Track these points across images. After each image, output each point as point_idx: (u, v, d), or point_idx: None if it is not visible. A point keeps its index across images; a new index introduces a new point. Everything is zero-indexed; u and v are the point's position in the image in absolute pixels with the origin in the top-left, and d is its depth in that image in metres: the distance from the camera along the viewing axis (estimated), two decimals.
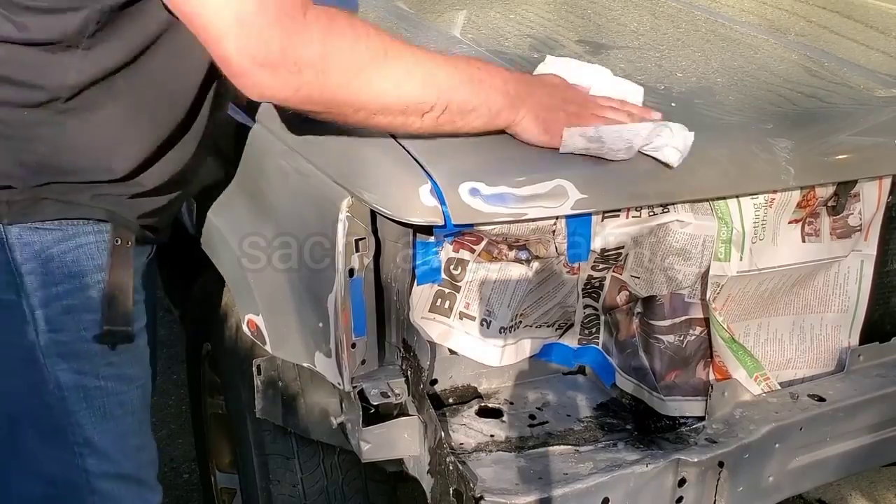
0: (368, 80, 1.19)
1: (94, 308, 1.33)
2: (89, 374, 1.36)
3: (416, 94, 1.22)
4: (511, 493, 1.30)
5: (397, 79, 1.21)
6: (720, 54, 1.83)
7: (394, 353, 1.42)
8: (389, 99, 1.21)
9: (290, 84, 1.15)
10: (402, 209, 1.27)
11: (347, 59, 1.17)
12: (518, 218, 1.30)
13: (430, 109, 1.24)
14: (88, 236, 1.32)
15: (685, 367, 1.47)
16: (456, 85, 1.25)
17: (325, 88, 1.17)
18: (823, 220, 1.55)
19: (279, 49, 1.12)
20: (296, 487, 1.75)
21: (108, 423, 1.40)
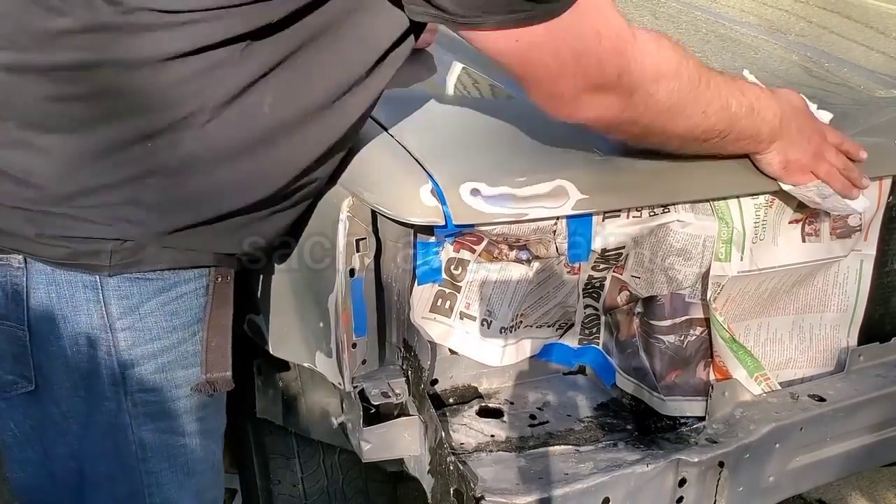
0: (684, 107, 1.21)
1: (189, 364, 1.25)
2: (176, 433, 1.28)
3: (713, 122, 1.24)
4: (511, 492, 1.30)
5: (706, 106, 1.22)
6: (720, 54, 1.83)
7: (394, 353, 1.42)
8: (695, 125, 1.24)
9: (620, 106, 1.17)
10: (403, 209, 1.27)
11: (673, 85, 1.18)
12: (519, 218, 1.30)
13: (716, 136, 1.27)
14: (189, 284, 1.23)
15: (685, 368, 1.47)
16: (742, 115, 1.27)
17: (649, 112, 1.19)
18: (823, 220, 1.55)
19: (616, 74, 1.13)
20: (296, 487, 1.75)
21: (190, 481, 1.32)
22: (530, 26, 1.08)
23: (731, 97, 1.25)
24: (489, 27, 1.09)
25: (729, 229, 1.43)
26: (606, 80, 1.14)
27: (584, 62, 1.12)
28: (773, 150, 1.35)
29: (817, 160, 1.38)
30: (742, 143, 1.33)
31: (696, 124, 1.24)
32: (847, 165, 1.41)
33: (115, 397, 1.22)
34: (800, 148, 1.37)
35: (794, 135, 1.36)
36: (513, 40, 1.10)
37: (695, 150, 1.31)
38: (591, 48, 1.12)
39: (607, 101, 1.16)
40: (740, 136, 1.30)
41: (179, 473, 1.30)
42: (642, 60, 1.16)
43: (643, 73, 1.16)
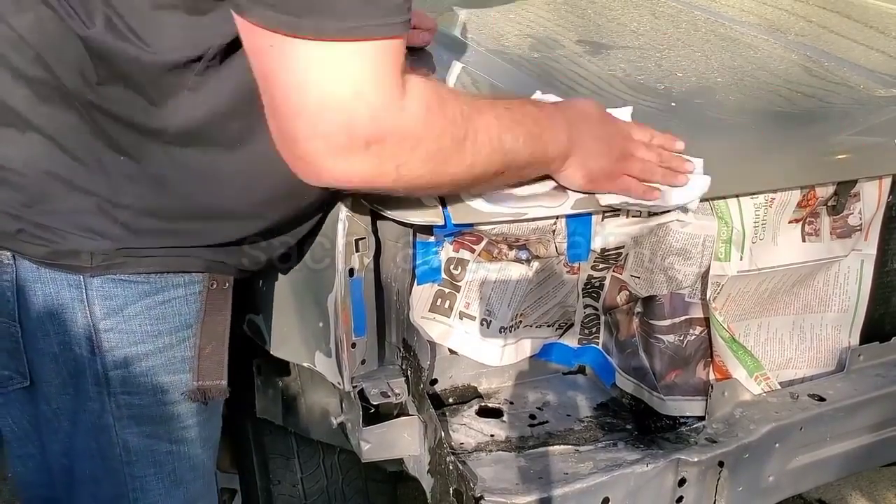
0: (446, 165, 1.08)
1: (177, 369, 1.23)
2: (163, 439, 1.26)
3: (483, 169, 1.14)
4: (511, 492, 1.30)
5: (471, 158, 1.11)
6: (720, 54, 1.83)
7: (394, 353, 1.42)
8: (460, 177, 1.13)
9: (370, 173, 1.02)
10: (403, 209, 1.27)
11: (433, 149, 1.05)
12: (518, 217, 1.30)
13: (493, 175, 1.17)
14: (178, 289, 1.21)
15: (685, 367, 1.47)
16: (519, 148, 1.17)
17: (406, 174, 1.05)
18: (823, 219, 1.55)
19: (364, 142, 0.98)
20: (296, 487, 1.75)
21: (178, 490, 1.29)
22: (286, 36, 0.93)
23: (505, 135, 1.14)
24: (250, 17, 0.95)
25: (728, 229, 1.43)
26: (352, 145, 0.98)
27: (329, 114, 0.96)
28: (570, 167, 1.26)
29: (626, 162, 1.29)
30: (530, 171, 1.24)
31: (463, 174, 1.12)
32: (663, 156, 1.32)
33: (99, 398, 1.21)
34: (599, 155, 1.27)
35: (590, 144, 1.27)
36: (267, 44, 0.95)
37: (476, 189, 1.22)
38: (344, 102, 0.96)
39: (352, 167, 1.00)
40: (524, 165, 1.20)
41: (166, 481, 1.28)
42: (401, 131, 1.01)
43: (399, 145, 1.01)
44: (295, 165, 1.01)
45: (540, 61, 1.71)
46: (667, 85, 1.62)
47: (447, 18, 1.98)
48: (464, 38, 1.82)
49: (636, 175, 1.30)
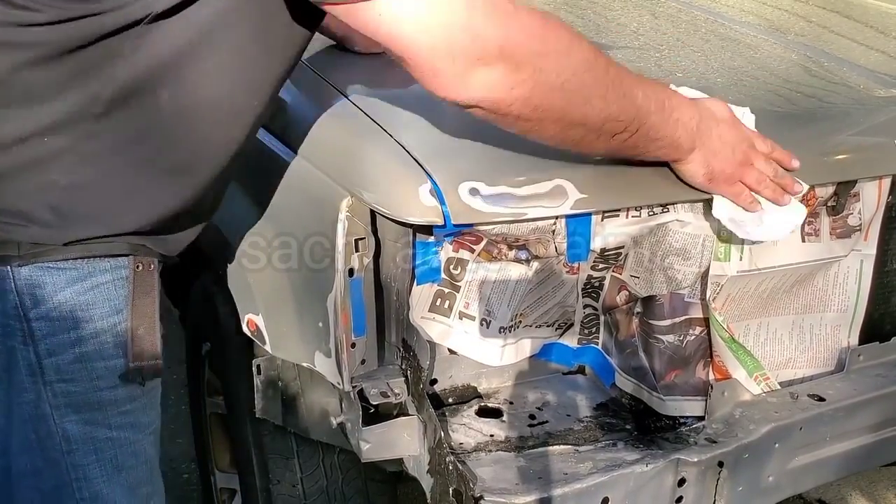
0: (581, 87, 1.13)
1: (109, 355, 1.22)
2: (101, 425, 1.25)
3: (616, 111, 1.17)
4: (511, 492, 1.30)
5: (604, 91, 1.15)
6: (720, 54, 1.83)
7: (393, 353, 1.42)
8: (594, 111, 1.15)
9: (507, 82, 1.08)
10: (402, 209, 1.27)
11: (564, 62, 1.11)
12: (518, 218, 1.30)
13: (622, 130, 1.19)
14: (105, 274, 1.20)
15: (685, 367, 1.47)
16: (651, 109, 1.20)
17: (540, 89, 1.11)
18: (823, 219, 1.55)
19: (497, 44, 1.06)
20: (296, 487, 1.75)
21: (120, 476, 1.29)
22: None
23: (636, 87, 1.19)
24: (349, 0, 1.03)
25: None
26: (486, 53, 1.06)
27: (457, 35, 1.05)
28: (695, 161, 1.29)
29: (744, 168, 1.32)
30: (658, 145, 1.25)
31: (595, 110, 1.15)
32: (778, 172, 1.36)
33: (34, 387, 1.20)
34: (723, 157, 1.31)
35: (716, 143, 1.30)
36: (376, 13, 1.04)
37: (604, 146, 1.23)
38: (463, 19, 1.05)
39: (491, 78, 1.08)
40: (653, 134, 1.23)
41: (108, 467, 1.27)
42: (525, 33, 1.08)
43: (527, 47, 1.08)
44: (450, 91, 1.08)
45: None
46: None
47: None
48: None
49: (750, 184, 1.33)
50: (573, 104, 1.14)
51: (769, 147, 1.37)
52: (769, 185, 1.35)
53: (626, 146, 1.23)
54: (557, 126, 1.16)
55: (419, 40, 1.05)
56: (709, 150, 1.30)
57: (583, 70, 1.13)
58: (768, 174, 1.34)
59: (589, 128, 1.18)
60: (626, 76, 1.19)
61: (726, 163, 1.31)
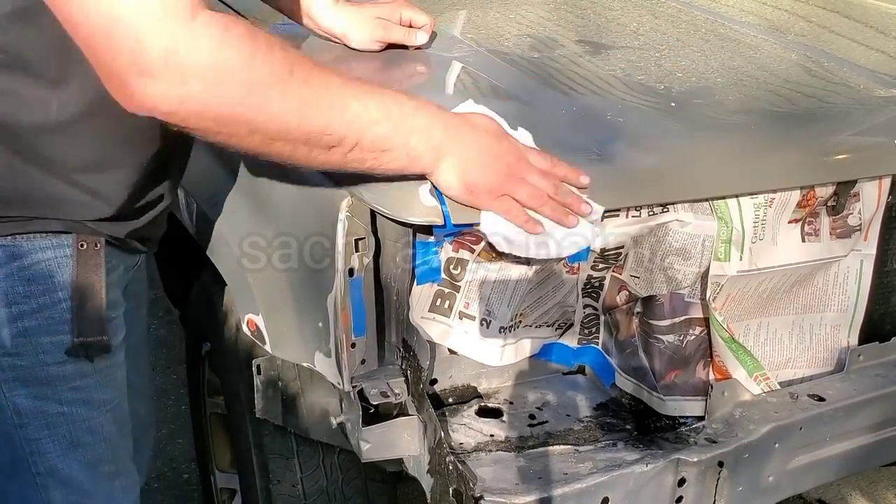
0: (266, 101, 1.05)
1: (54, 330, 1.24)
2: (51, 400, 1.26)
3: (321, 124, 1.09)
4: (511, 492, 1.30)
5: (301, 103, 1.07)
6: (720, 54, 1.83)
7: (393, 353, 1.42)
8: (289, 124, 1.08)
9: (173, 95, 1.01)
10: (402, 209, 1.27)
11: (241, 73, 1.03)
12: None
13: (338, 143, 1.11)
14: (45, 252, 1.22)
15: (685, 367, 1.47)
16: (372, 120, 1.12)
17: (214, 103, 1.04)
18: (823, 219, 1.55)
19: (161, 55, 0.98)
20: (296, 487, 1.75)
21: (77, 452, 1.30)
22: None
23: (350, 99, 1.11)
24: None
25: (728, 229, 1.43)
26: (151, 65, 0.98)
27: (120, 39, 0.98)
28: (447, 171, 1.20)
29: (512, 183, 1.21)
30: (393, 156, 1.16)
31: (292, 124, 1.08)
32: (560, 190, 1.24)
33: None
34: (482, 166, 1.21)
35: (472, 152, 1.20)
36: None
37: (325, 160, 1.14)
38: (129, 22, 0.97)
39: (157, 91, 1.00)
40: (381, 145, 1.14)
41: (63, 442, 1.29)
42: (198, 43, 1.00)
43: (198, 58, 1.00)
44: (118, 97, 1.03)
45: (540, 61, 1.71)
46: (666, 85, 1.62)
47: (447, 18, 1.98)
48: (464, 38, 1.82)
49: (523, 201, 1.23)
50: (261, 119, 1.07)
51: (549, 163, 1.26)
52: (547, 203, 1.23)
53: (351, 159, 1.14)
54: (255, 139, 1.09)
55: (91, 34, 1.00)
56: (462, 158, 1.20)
57: (267, 84, 1.05)
58: (547, 191, 1.23)
59: (295, 142, 1.10)
60: (338, 87, 1.11)
61: (486, 173, 1.21)
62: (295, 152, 1.12)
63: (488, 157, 1.22)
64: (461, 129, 1.22)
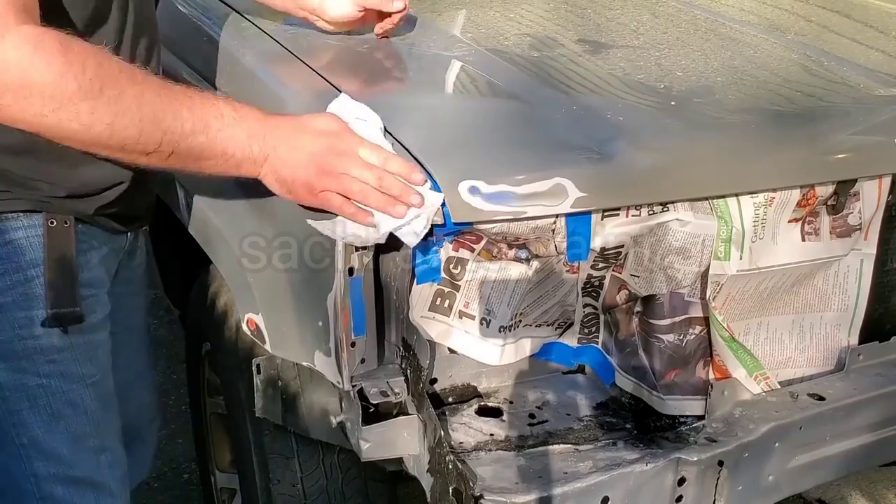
0: (76, 113, 1.12)
1: (30, 305, 1.29)
2: (30, 373, 1.32)
3: (132, 135, 1.16)
4: (511, 491, 1.30)
5: (111, 117, 1.13)
6: (720, 53, 1.83)
7: (393, 352, 1.42)
8: (101, 136, 1.15)
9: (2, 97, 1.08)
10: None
11: (50, 89, 1.10)
12: (517, 216, 1.30)
13: (153, 151, 1.18)
14: (17, 231, 1.28)
15: (685, 366, 1.47)
16: (186, 132, 1.19)
17: (26, 114, 1.11)
18: (823, 219, 1.55)
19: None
20: (296, 487, 1.75)
21: (59, 424, 1.35)
22: None
23: (167, 113, 1.17)
24: None
25: (728, 228, 1.42)
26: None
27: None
28: (267, 174, 1.27)
29: (329, 177, 1.26)
30: (215, 163, 1.23)
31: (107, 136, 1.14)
32: (385, 181, 1.26)
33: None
34: (295, 166, 1.26)
35: (285, 153, 1.26)
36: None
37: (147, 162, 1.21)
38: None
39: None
40: (198, 154, 1.21)
41: (44, 414, 1.34)
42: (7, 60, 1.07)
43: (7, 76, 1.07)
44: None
45: (539, 60, 1.71)
46: (666, 84, 1.62)
47: (447, 18, 1.98)
48: (464, 38, 1.82)
49: (346, 192, 1.27)
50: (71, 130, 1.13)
51: (381, 158, 1.28)
52: (370, 194, 1.26)
53: (172, 163, 1.21)
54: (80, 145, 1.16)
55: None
56: (278, 160, 1.26)
57: (77, 99, 1.11)
58: (370, 183, 1.26)
59: (111, 148, 1.17)
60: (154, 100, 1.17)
61: (300, 171, 1.26)
62: (114, 155, 1.20)
63: (301, 155, 1.27)
64: (279, 132, 1.28)
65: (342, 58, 1.68)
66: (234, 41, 1.73)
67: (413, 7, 1.98)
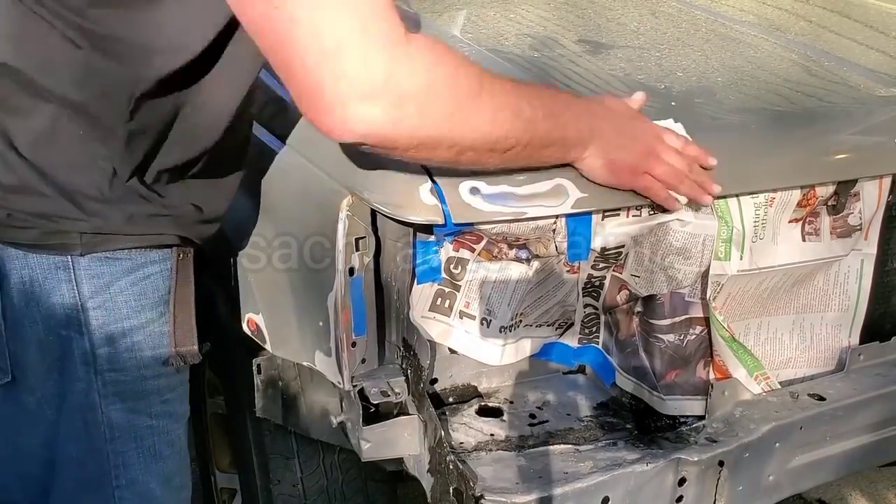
0: (467, 116, 1.10)
1: (157, 345, 1.27)
2: (143, 414, 1.29)
3: (505, 131, 1.14)
4: (511, 492, 1.30)
5: (491, 114, 1.12)
6: (720, 54, 1.83)
7: (394, 352, 1.42)
8: (482, 135, 1.13)
9: (391, 117, 1.03)
10: (403, 208, 1.27)
11: (450, 93, 1.07)
12: (518, 217, 1.30)
13: (513, 146, 1.17)
14: (154, 265, 1.24)
15: (685, 367, 1.47)
16: (539, 119, 1.18)
17: (426, 122, 1.07)
18: (823, 219, 1.55)
19: (383, 78, 1.00)
20: (296, 487, 1.75)
21: (158, 465, 1.33)
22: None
23: (522, 103, 1.16)
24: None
25: (728, 228, 1.43)
26: (372, 84, 1.00)
27: (348, 52, 0.99)
28: (592, 155, 1.26)
29: (650, 160, 1.28)
30: (551, 151, 1.23)
31: (484, 135, 1.13)
32: (694, 169, 1.31)
33: (87, 377, 1.23)
34: (621, 147, 1.27)
35: (612, 135, 1.27)
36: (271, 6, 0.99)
37: (496, 162, 1.19)
38: (354, 40, 0.99)
39: (375, 112, 1.02)
40: (544, 142, 1.20)
41: (147, 456, 1.31)
42: (414, 66, 1.03)
43: (415, 80, 1.03)
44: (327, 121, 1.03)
45: (539, 61, 1.71)
46: (667, 84, 1.62)
47: (447, 18, 1.98)
48: (463, 38, 1.82)
49: (661, 178, 1.30)
50: (461, 133, 1.11)
51: (681, 142, 1.32)
52: (685, 180, 1.30)
53: (518, 158, 1.20)
54: (450, 153, 1.13)
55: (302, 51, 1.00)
56: (605, 141, 1.26)
57: (470, 99, 1.10)
58: (682, 168, 1.30)
59: (480, 150, 1.15)
60: (513, 92, 1.16)
61: (626, 152, 1.28)
62: (478, 159, 1.16)
63: (626, 138, 1.29)
64: (602, 115, 1.28)
65: None
66: None
67: (413, 7, 1.98)
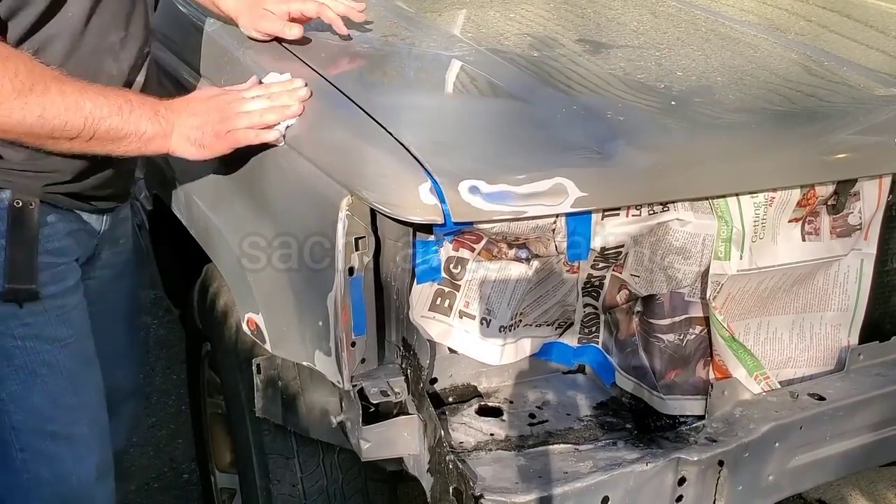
0: (10, 110, 1.29)
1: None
2: (5, 335, 1.46)
3: (62, 123, 1.33)
4: (511, 491, 1.30)
5: (40, 110, 1.31)
6: (720, 53, 1.83)
7: (394, 352, 1.42)
8: (33, 127, 1.32)
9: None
10: (402, 208, 1.27)
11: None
12: (518, 216, 1.30)
13: (77, 136, 1.35)
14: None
15: (685, 366, 1.47)
16: (104, 115, 1.36)
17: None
18: (823, 218, 1.55)
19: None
20: (296, 487, 1.75)
21: (36, 381, 1.49)
22: None
23: (85, 101, 1.35)
24: None
25: (728, 228, 1.42)
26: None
27: None
28: (177, 142, 1.44)
29: (229, 120, 1.46)
30: (129, 141, 1.40)
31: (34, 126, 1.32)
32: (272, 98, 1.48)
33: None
34: (198, 126, 1.45)
35: (188, 119, 1.45)
36: None
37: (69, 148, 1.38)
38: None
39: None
40: (117, 133, 1.38)
41: (21, 373, 1.48)
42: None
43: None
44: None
45: (539, 60, 1.71)
46: (667, 84, 1.62)
47: (447, 18, 1.98)
48: (463, 38, 1.82)
49: (248, 125, 1.46)
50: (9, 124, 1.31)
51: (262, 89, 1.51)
52: (268, 113, 1.47)
53: (91, 146, 1.38)
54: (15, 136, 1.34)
55: None
56: (184, 126, 1.44)
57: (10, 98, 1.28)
58: (261, 107, 1.47)
59: (41, 137, 1.35)
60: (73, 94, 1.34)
61: (204, 127, 1.45)
62: (45, 144, 1.37)
63: (201, 115, 1.47)
64: (180, 107, 1.46)
65: (342, 57, 1.68)
66: (234, 41, 1.73)
67: (413, 7, 1.98)
